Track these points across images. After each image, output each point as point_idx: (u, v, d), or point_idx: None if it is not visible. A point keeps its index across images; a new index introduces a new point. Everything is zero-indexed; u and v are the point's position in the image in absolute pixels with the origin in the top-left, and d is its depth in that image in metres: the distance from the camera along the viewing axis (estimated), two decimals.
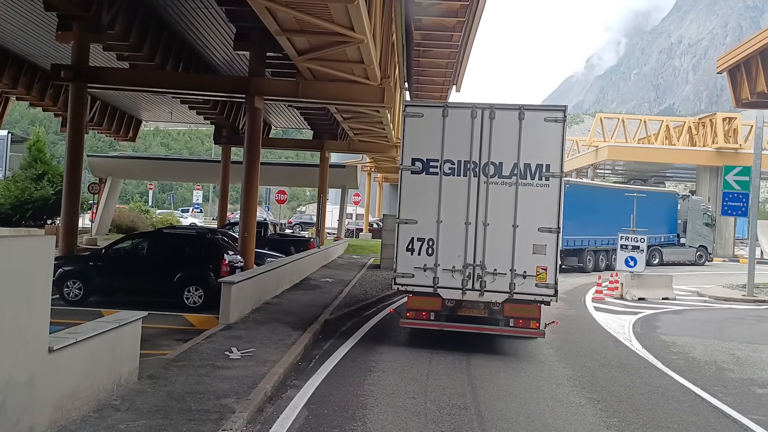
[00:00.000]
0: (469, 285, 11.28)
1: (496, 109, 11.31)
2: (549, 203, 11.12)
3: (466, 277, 11.27)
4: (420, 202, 11.40)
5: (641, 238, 22.30)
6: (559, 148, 11.11)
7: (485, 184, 11.25)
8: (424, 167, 11.37)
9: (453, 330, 11.75)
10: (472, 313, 11.55)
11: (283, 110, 32.24)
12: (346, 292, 18.22)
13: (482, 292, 11.26)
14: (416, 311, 11.61)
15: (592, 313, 18.26)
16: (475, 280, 11.26)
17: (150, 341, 11.87)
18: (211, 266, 15.44)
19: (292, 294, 17.08)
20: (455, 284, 11.30)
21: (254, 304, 14.28)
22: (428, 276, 11.34)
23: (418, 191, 11.41)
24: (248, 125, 17.72)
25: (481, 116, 11.28)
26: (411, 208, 11.44)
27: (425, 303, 11.48)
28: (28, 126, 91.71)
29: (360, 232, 52.15)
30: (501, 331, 11.62)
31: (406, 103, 11.91)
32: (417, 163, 11.39)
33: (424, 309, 11.54)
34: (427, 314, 11.56)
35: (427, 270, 11.34)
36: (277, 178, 39.28)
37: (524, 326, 11.41)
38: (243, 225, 17.67)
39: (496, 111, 11.29)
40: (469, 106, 11.41)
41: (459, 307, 11.51)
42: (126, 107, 34.45)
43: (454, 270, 11.30)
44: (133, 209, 40.86)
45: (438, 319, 11.60)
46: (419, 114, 11.46)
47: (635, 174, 53.69)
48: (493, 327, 11.58)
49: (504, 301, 11.28)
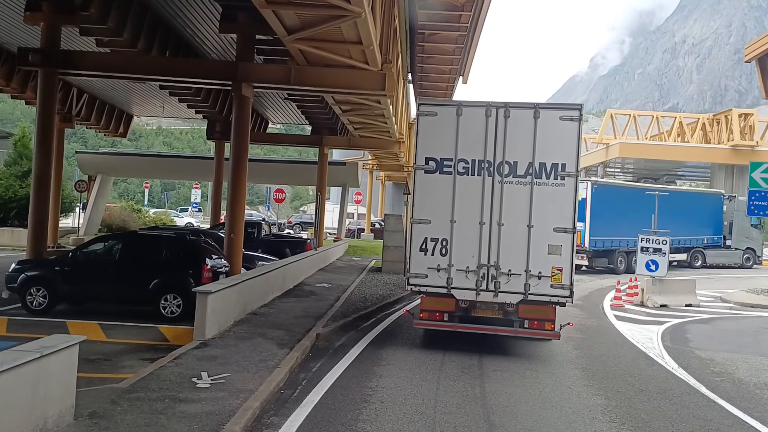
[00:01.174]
0: (483, 286, 11.07)
1: (510, 107, 11.09)
2: (564, 203, 10.89)
3: (480, 277, 11.06)
4: (433, 202, 11.20)
5: (663, 240, 20.64)
6: (575, 147, 10.89)
7: (500, 183, 11.03)
8: (438, 166, 11.18)
9: (467, 331, 11.53)
10: (486, 314, 11.34)
11: (280, 104, 30.58)
12: (343, 300, 16.57)
13: (496, 292, 11.06)
14: (430, 312, 11.42)
15: (613, 323, 16.58)
16: (490, 280, 11.06)
17: (112, 361, 10.29)
18: (191, 272, 13.79)
19: (283, 302, 15.43)
20: (469, 285, 11.10)
21: (238, 315, 12.63)
22: (442, 276, 11.14)
23: (432, 191, 11.22)
24: (235, 116, 16.07)
25: (496, 115, 11.08)
26: (424, 207, 11.27)
27: (439, 304, 11.31)
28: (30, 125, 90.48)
29: (361, 232, 50.51)
30: (515, 332, 11.38)
31: (420, 101, 11.69)
32: (431, 162, 11.20)
33: (438, 310, 11.35)
34: (440, 315, 11.36)
35: (441, 270, 11.13)
36: (274, 176, 37.69)
37: (539, 328, 11.16)
38: (229, 225, 16.03)
39: (510, 109, 11.07)
40: (484, 104, 11.16)
41: (473, 308, 11.30)
42: (115, 101, 32.78)
43: (468, 270, 11.09)
44: (124, 208, 39.21)
45: (452, 320, 11.38)
46: (433, 113, 11.30)
47: (645, 173, 51.96)
48: (507, 328, 11.35)
49: (518, 302, 11.06)
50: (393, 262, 24.00)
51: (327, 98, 19.76)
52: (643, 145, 43.45)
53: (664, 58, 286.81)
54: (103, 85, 29.08)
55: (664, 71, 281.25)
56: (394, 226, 24.49)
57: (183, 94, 22.84)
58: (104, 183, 36.10)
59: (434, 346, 11.94)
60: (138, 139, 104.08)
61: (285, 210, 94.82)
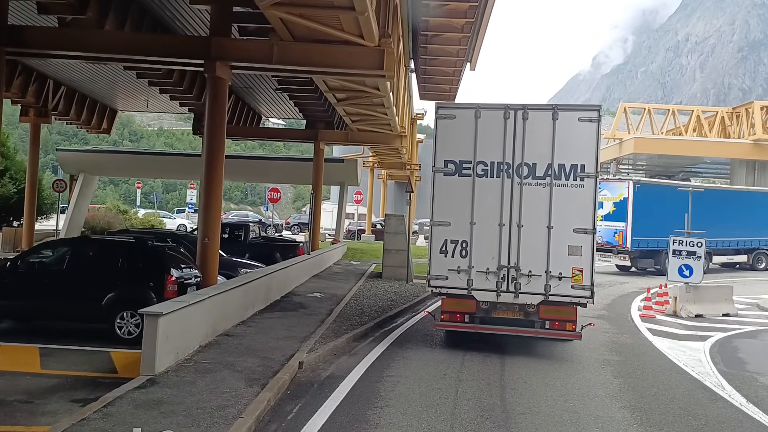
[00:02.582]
0: (504, 287, 11.13)
1: (529, 109, 11.15)
2: (584, 204, 10.90)
3: (500, 279, 11.12)
4: (453, 204, 11.27)
5: (698, 242, 18.37)
6: (594, 147, 10.89)
7: (519, 185, 11.08)
8: (457, 169, 11.26)
9: (488, 332, 11.54)
10: (507, 315, 11.36)
11: (274, 97, 28.25)
12: (336, 314, 14.29)
13: (517, 294, 11.11)
14: (450, 313, 11.49)
15: (650, 339, 14.29)
16: (510, 282, 11.11)
17: (34, 403, 8.04)
18: (151, 284, 11.53)
19: (265, 318, 13.15)
20: (489, 286, 11.16)
21: (204, 338, 10.38)
22: (462, 278, 11.21)
23: (451, 193, 11.29)
24: (209, 101, 13.80)
25: (514, 117, 11.12)
26: (444, 210, 11.32)
27: (459, 305, 11.37)
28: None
29: (362, 233, 48.20)
30: (536, 333, 11.40)
31: (438, 104, 11.60)
32: (450, 165, 11.28)
33: (459, 311, 11.41)
34: (461, 316, 11.43)
35: (461, 272, 11.22)
36: (265, 174, 35.50)
37: (560, 328, 11.22)
38: (202, 229, 13.73)
39: (529, 111, 11.12)
40: (502, 107, 11.22)
41: (494, 309, 11.33)
42: (97, 94, 30.46)
43: (488, 272, 11.15)
44: (109, 209, 36.94)
45: (472, 321, 11.44)
46: (451, 116, 11.35)
47: (659, 170, 49.54)
48: (528, 329, 11.35)
49: (539, 303, 11.11)
50: (394, 267, 21.73)
51: (319, 83, 17.46)
52: (660, 140, 41.01)
53: (667, 56, 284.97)
54: (82, 76, 26.86)
55: (667, 70, 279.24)
56: (396, 228, 22.21)
57: (154, 77, 20.42)
58: (87, 182, 33.84)
59: (445, 377, 9.72)
60: (139, 140, 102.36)
61: (287, 210, 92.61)
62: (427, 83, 21.91)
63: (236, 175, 40.67)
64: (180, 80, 21.80)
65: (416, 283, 21.39)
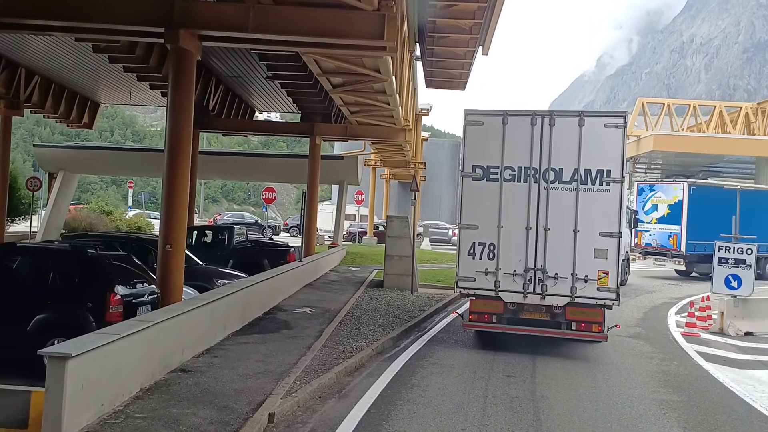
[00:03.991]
0: (530, 288, 11.35)
1: (555, 116, 11.44)
2: (610, 208, 11.11)
3: (527, 281, 11.36)
4: (481, 208, 11.55)
5: (748, 249, 15.94)
6: (619, 153, 11.08)
7: (545, 189, 11.33)
8: (485, 174, 11.53)
9: (515, 333, 11.72)
10: (534, 317, 11.54)
11: (266, 88, 25.89)
12: (327, 336, 11.85)
13: (543, 295, 11.32)
14: (478, 314, 11.72)
15: (704, 366, 11.82)
16: (536, 283, 11.33)
17: None
18: (89, 305, 9.13)
19: (238, 344, 10.72)
20: (516, 288, 11.42)
21: (149, 378, 7.94)
22: (489, 280, 11.48)
23: (479, 197, 11.57)
24: (172, 79, 11.24)
25: (541, 123, 11.37)
26: (472, 213, 11.62)
27: (487, 306, 11.61)
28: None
29: (363, 235, 45.75)
30: (563, 334, 11.56)
31: (467, 111, 11.72)
32: (478, 170, 11.58)
33: (486, 312, 11.64)
34: (489, 317, 11.65)
35: (489, 274, 11.48)
36: (253, 171, 33.05)
37: (586, 329, 11.38)
38: (164, 234, 11.25)
39: (555, 118, 11.39)
40: (529, 113, 11.49)
41: (521, 310, 11.55)
42: (76, 85, 28.04)
43: (515, 274, 11.41)
44: (93, 209, 34.50)
45: (500, 322, 11.65)
46: (479, 122, 11.62)
47: (676, 169, 46.84)
48: (555, 330, 11.52)
49: (566, 305, 11.31)
50: (397, 275, 19.26)
51: (310, 64, 15.01)
52: (681, 137, 38.31)
53: (671, 57, 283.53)
54: (59, 65, 24.51)
55: (672, 71, 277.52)
56: (399, 231, 19.75)
57: (113, 50, 17.73)
58: (67, 181, 31.40)
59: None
60: (142, 140, 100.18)
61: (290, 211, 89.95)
62: (435, 68, 19.36)
63: (226, 174, 38.30)
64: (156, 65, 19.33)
65: (422, 293, 18.95)
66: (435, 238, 48.88)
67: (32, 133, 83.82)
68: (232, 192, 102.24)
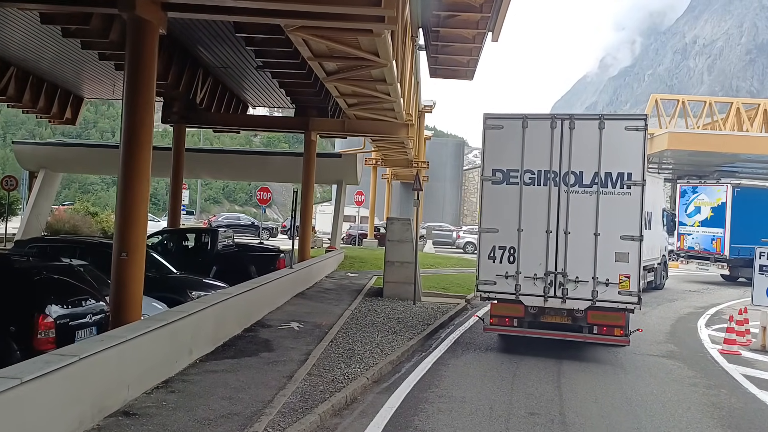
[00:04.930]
0: (551, 292, 11.33)
1: (575, 119, 11.40)
2: (631, 211, 11.07)
3: (547, 284, 11.34)
4: (501, 212, 11.55)
5: None
6: (640, 156, 11.02)
7: (566, 193, 11.30)
8: (505, 177, 11.56)
9: (536, 336, 11.65)
10: (555, 320, 11.52)
11: (256, 79, 24.10)
12: (314, 359, 10.03)
13: (564, 299, 11.29)
14: (499, 318, 11.70)
15: (758, 395, 10.01)
16: (557, 287, 11.29)
17: None
18: (13, 329, 7.33)
19: (205, 372, 8.90)
20: (537, 291, 11.39)
21: (75, 428, 6.13)
22: (510, 283, 11.48)
23: (499, 201, 11.57)
24: (128, 55, 9.45)
25: (561, 126, 11.36)
26: (492, 217, 11.61)
27: (508, 310, 11.61)
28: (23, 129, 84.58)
29: (364, 238, 43.93)
30: (584, 338, 11.45)
31: (486, 115, 11.79)
32: (497, 173, 11.60)
33: (507, 315, 11.63)
34: (510, 320, 11.64)
35: (509, 277, 11.47)
36: (240, 170, 31.24)
37: (608, 333, 11.29)
38: (118, 239, 9.43)
39: (575, 121, 11.35)
40: (549, 116, 11.58)
41: (542, 314, 11.54)
42: (56, 77, 26.23)
43: (535, 277, 11.39)
44: (77, 210, 32.69)
45: (521, 326, 11.64)
46: (499, 126, 11.64)
47: (689, 169, 45.03)
48: (576, 334, 11.45)
49: (587, 309, 11.24)
50: (397, 283, 17.44)
51: (299, 45, 13.15)
52: (697, 135, 36.33)
53: (674, 59, 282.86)
54: (36, 56, 22.82)
55: (675, 72, 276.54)
56: (400, 234, 17.92)
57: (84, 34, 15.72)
58: (48, 180, 29.62)
59: None
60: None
61: None
62: (440, 54, 17.46)
63: (219, 173, 36.57)
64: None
65: (425, 303, 17.13)
66: (438, 241, 47.06)
67: (33, 133, 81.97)
68: (233, 193, 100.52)
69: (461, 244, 44.14)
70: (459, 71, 18.88)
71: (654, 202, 21.93)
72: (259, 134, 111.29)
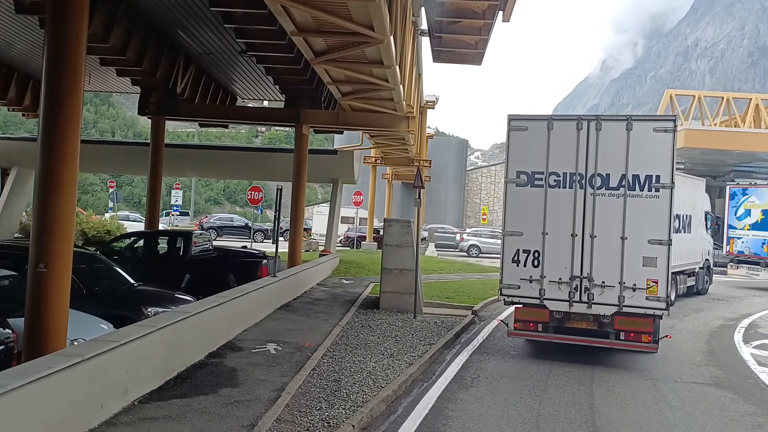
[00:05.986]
0: (576, 297, 11.13)
1: (602, 120, 11.19)
2: (659, 215, 10.81)
3: (573, 289, 11.12)
4: (525, 215, 11.38)
5: None
6: (669, 158, 10.78)
7: (592, 195, 11.11)
8: (529, 180, 11.40)
9: (561, 342, 11.46)
10: (581, 326, 11.33)
11: (243, 68, 22.09)
12: (288, 398, 7.97)
13: (590, 304, 11.07)
14: (524, 322, 11.53)
15: None
16: (583, 292, 11.10)
17: None
18: None
19: (138, 422, 6.82)
20: (562, 296, 11.18)
21: None
22: (534, 287, 11.31)
23: (524, 204, 11.43)
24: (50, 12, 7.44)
25: (587, 128, 11.17)
26: (516, 220, 11.46)
27: (533, 314, 11.43)
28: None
29: (363, 240, 41.87)
30: (611, 344, 11.25)
31: (510, 116, 11.61)
32: (522, 176, 11.43)
33: (532, 320, 11.46)
34: (534, 325, 11.46)
35: (533, 281, 11.31)
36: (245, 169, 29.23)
37: (635, 340, 11.03)
38: (35, 247, 7.34)
39: (602, 122, 11.14)
40: (575, 118, 11.37)
41: (567, 319, 11.34)
42: (27, 66, 24.13)
43: (560, 282, 11.17)
44: None
45: (546, 331, 11.45)
46: (523, 127, 11.47)
47: (702, 168, 42.81)
48: (602, 340, 11.25)
49: (613, 314, 11.02)
50: (396, 293, 15.39)
51: (279, 15, 11.15)
52: (714, 133, 34.36)
53: (676, 61, 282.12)
54: (4, 42, 20.82)
55: (677, 74, 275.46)
56: (399, 238, 15.84)
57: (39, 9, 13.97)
58: (22, 178, 27.57)
59: None
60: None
61: None
62: (445, 33, 15.17)
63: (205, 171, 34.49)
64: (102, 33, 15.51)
65: (427, 316, 15.09)
66: (441, 244, 44.91)
67: (33, 134, 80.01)
68: (234, 194, 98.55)
69: (465, 247, 42.09)
70: (466, 54, 16.75)
71: (694, 205, 21.00)
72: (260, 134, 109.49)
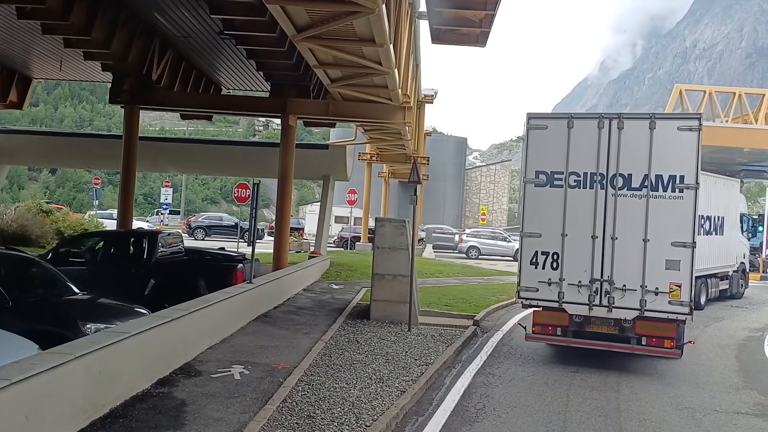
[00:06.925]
0: (596, 301, 10.88)
1: (624, 118, 10.98)
2: (683, 216, 10.54)
3: (592, 292, 10.88)
4: (544, 216, 11.19)
5: None
6: (694, 158, 10.43)
7: (613, 196, 10.88)
8: (548, 180, 11.20)
9: (581, 346, 11.27)
10: (602, 330, 11.09)
11: (224, 54, 20.31)
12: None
13: (610, 308, 10.82)
14: (542, 326, 11.33)
15: None
16: (603, 295, 10.85)
17: None
18: None
19: None
20: (581, 299, 10.94)
21: None
22: (553, 290, 11.07)
23: (542, 204, 11.23)
24: None
25: (609, 126, 10.95)
26: (535, 221, 11.26)
27: (551, 318, 11.23)
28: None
29: (357, 241, 40.10)
30: (632, 349, 10.94)
31: (530, 114, 11.43)
32: (541, 176, 11.25)
33: (551, 324, 11.24)
34: (553, 329, 11.24)
35: (552, 284, 11.07)
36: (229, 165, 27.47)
37: (657, 345, 10.76)
38: None
39: (624, 121, 10.93)
40: (596, 116, 11.17)
41: (587, 323, 11.12)
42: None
43: (580, 285, 10.94)
44: (29, 209, 28.72)
45: (565, 335, 11.20)
46: (543, 126, 11.31)
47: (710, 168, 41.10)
48: (623, 345, 10.96)
49: (635, 318, 10.74)
50: (388, 302, 13.61)
51: None
52: (727, 130, 32.65)
53: (674, 62, 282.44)
54: None
55: (675, 76, 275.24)
56: (393, 240, 14.03)
57: None
58: None
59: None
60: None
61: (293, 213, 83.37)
62: (447, 7, 13.48)
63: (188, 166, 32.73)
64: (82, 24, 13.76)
65: (424, 328, 13.33)
66: (439, 245, 43.06)
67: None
68: (231, 193, 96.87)
69: (464, 248, 40.34)
70: (469, 35, 14.86)
71: (728, 206, 20.35)
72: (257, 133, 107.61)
